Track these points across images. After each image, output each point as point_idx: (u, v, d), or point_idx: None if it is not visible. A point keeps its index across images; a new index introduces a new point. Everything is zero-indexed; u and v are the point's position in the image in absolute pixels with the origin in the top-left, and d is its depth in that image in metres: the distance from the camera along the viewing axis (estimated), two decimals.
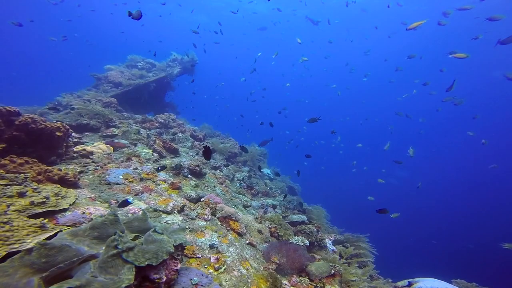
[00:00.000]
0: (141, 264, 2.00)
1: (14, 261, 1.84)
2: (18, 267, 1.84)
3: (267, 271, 3.57)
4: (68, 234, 2.21)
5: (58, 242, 1.97)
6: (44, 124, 4.79)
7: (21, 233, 2.11)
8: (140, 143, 6.76)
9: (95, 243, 2.25)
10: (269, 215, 5.75)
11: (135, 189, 4.37)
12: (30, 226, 2.22)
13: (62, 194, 3.28)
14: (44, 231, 2.26)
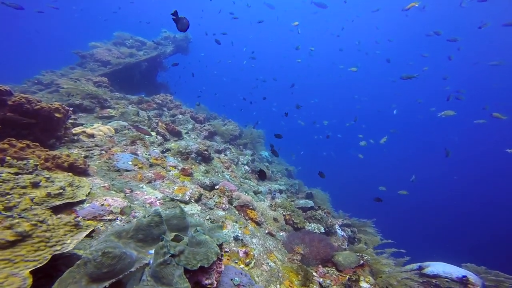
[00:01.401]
0: (194, 267, 1.84)
1: (80, 266, 1.66)
2: (82, 274, 1.65)
3: (292, 262, 3.49)
4: (114, 236, 1.99)
5: (118, 250, 1.76)
6: (40, 105, 4.38)
7: (58, 232, 1.88)
8: (142, 125, 6.39)
9: (140, 246, 2.05)
10: (279, 201, 5.67)
11: (147, 176, 4.12)
12: (65, 224, 1.98)
13: (76, 184, 3.01)
14: (79, 229, 2.03)
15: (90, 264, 1.67)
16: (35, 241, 1.73)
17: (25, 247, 1.67)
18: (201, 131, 8.05)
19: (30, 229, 1.73)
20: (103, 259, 1.69)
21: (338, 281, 3.46)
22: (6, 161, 2.84)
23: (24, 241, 1.69)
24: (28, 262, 1.62)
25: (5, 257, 1.58)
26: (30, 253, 1.66)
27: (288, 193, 7.17)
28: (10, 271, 1.53)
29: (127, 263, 1.87)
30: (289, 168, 10.90)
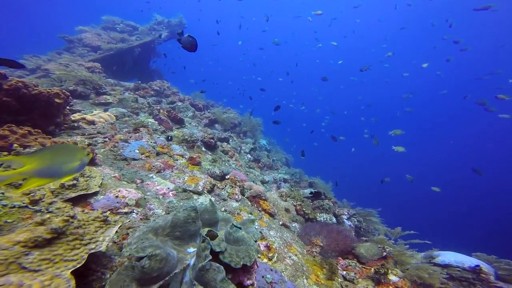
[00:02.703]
0: (237, 265, 1.74)
1: (127, 269, 1.57)
2: (131, 279, 1.55)
3: (311, 255, 3.45)
4: (151, 233, 1.85)
5: (163, 252, 1.62)
6: (38, 90, 4.08)
7: (89, 229, 1.72)
8: (142, 111, 6.13)
9: (178, 245, 1.92)
10: (285, 190, 5.61)
11: (155, 166, 3.94)
12: (94, 219, 1.81)
13: (88, 174, 2.82)
14: (108, 225, 1.88)
15: (137, 269, 1.55)
16: (70, 239, 1.57)
17: (62, 245, 1.52)
18: (201, 119, 7.83)
19: (63, 225, 1.57)
20: (151, 263, 1.56)
21: (363, 274, 3.43)
22: (14, 148, 2.61)
23: (59, 238, 1.54)
24: (67, 262, 1.47)
25: (45, 256, 1.43)
26: (67, 252, 1.52)
27: (291, 182, 7.13)
28: (53, 272, 1.38)
29: (171, 264, 1.76)
30: (286, 157, 10.89)
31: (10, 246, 1.36)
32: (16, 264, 1.34)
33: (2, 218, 1.61)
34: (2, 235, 1.49)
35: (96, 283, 1.91)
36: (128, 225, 2.58)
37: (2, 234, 1.54)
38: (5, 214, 1.65)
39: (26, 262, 1.37)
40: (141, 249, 1.62)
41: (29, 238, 1.42)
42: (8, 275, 1.30)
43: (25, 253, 1.40)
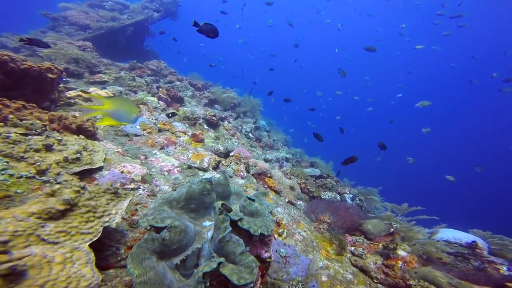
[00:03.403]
0: (255, 232, 1.65)
1: (147, 242, 1.46)
2: (151, 251, 1.46)
3: (319, 231, 3.42)
4: (166, 205, 1.74)
5: (182, 224, 1.53)
6: (27, 64, 3.82)
7: (101, 201, 1.60)
8: (140, 90, 5.88)
9: (193, 218, 1.83)
10: (287, 169, 5.55)
11: (158, 142, 3.80)
12: (104, 191, 1.70)
13: (90, 148, 2.66)
14: (118, 198, 1.76)
15: (158, 241, 1.45)
16: (83, 211, 1.46)
17: (76, 217, 1.41)
18: (200, 98, 7.60)
19: (75, 196, 1.46)
20: (171, 235, 1.47)
21: (371, 250, 3.44)
22: (10, 119, 2.43)
23: (72, 210, 1.42)
24: (84, 235, 1.38)
25: (61, 228, 1.32)
26: (82, 224, 1.41)
27: (293, 161, 7.07)
28: (72, 245, 1.28)
29: (189, 237, 1.67)
30: (286, 137, 10.80)
31: (25, 217, 1.27)
32: (35, 236, 1.26)
33: (11, 188, 1.49)
34: (15, 206, 1.37)
35: (112, 258, 1.83)
36: (136, 201, 2.47)
37: (15, 205, 1.42)
38: (13, 184, 1.53)
39: (44, 234, 1.28)
40: (160, 220, 1.52)
41: (43, 209, 1.31)
42: (30, 246, 1.23)
43: (41, 224, 1.30)
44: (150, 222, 1.52)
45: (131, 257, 1.40)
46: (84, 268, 1.33)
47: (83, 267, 1.33)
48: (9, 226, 1.22)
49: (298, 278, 2.23)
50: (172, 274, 1.63)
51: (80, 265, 1.32)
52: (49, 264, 1.24)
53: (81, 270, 1.32)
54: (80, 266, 1.32)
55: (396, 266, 3.22)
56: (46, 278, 1.19)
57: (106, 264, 1.81)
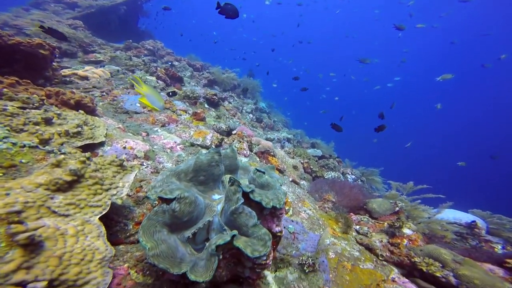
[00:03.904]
0: (268, 205, 1.58)
1: (158, 214, 1.42)
2: (162, 224, 1.41)
3: (324, 210, 3.39)
4: (174, 177, 1.67)
5: (191, 195, 1.46)
6: (15, 39, 3.63)
7: (107, 173, 1.53)
8: (138, 69, 5.69)
9: (202, 191, 1.77)
10: (287, 148, 5.49)
11: (159, 120, 3.70)
12: (110, 163, 1.62)
13: (91, 123, 2.56)
14: (124, 171, 1.68)
15: (168, 213, 1.39)
16: (90, 183, 1.39)
17: (83, 189, 1.34)
18: (200, 79, 7.41)
19: (81, 167, 1.38)
20: (181, 206, 1.41)
21: (376, 228, 3.43)
22: (5, 93, 2.30)
23: (79, 182, 1.35)
24: (93, 208, 1.32)
25: (69, 201, 1.26)
26: (90, 197, 1.35)
27: (294, 142, 7.01)
28: (82, 217, 1.22)
29: (200, 209, 1.61)
30: (285, 119, 10.70)
31: (33, 188, 1.20)
32: (46, 208, 1.21)
33: (16, 158, 1.41)
34: (22, 177, 1.30)
35: (121, 234, 1.78)
36: (140, 178, 2.40)
37: (21, 175, 1.35)
38: (17, 153, 1.45)
39: (54, 206, 1.22)
40: (169, 191, 1.46)
41: (50, 180, 1.24)
42: (42, 218, 1.18)
43: (50, 196, 1.24)
44: (158, 193, 1.45)
45: (142, 230, 1.34)
46: (97, 241, 1.28)
47: (96, 240, 1.28)
48: (19, 197, 1.16)
49: (307, 253, 2.21)
50: (184, 247, 1.58)
51: (92, 238, 1.27)
52: (63, 236, 1.20)
53: (94, 243, 1.27)
54: (92, 239, 1.27)
55: (402, 244, 3.22)
56: (63, 250, 1.16)
57: (115, 240, 1.76)
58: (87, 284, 1.19)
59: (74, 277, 1.15)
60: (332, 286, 2.22)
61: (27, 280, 1.02)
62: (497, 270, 3.17)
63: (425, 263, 2.99)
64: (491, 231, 4.33)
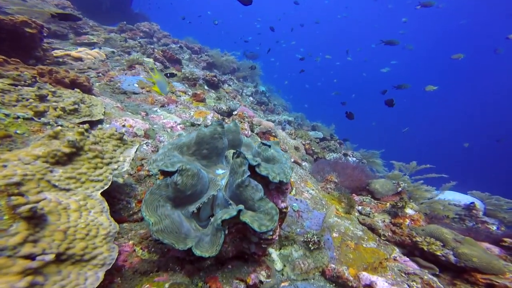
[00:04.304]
0: (274, 179, 1.52)
1: (160, 188, 1.38)
2: (165, 198, 1.37)
3: (326, 191, 3.37)
4: (176, 150, 1.61)
5: (194, 167, 1.40)
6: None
7: (107, 147, 1.47)
8: (134, 51, 5.52)
9: (205, 165, 1.71)
10: (288, 130, 5.43)
11: (158, 100, 3.61)
12: (110, 137, 1.55)
13: (88, 102, 2.47)
14: (125, 145, 1.62)
15: (171, 186, 1.35)
16: (90, 156, 1.33)
17: (83, 163, 1.29)
18: (198, 62, 7.23)
19: (79, 138, 1.32)
20: (183, 178, 1.36)
21: (378, 209, 3.43)
22: None
23: (78, 155, 1.30)
24: (94, 182, 1.27)
25: (70, 174, 1.21)
26: (91, 171, 1.30)
27: (294, 125, 6.94)
28: (84, 192, 1.18)
29: (204, 183, 1.55)
30: (285, 104, 10.58)
31: (31, 160, 1.16)
32: (45, 181, 1.16)
33: (10, 129, 1.35)
34: (18, 148, 1.24)
35: (125, 212, 1.74)
36: (141, 156, 2.35)
37: (18, 147, 1.30)
38: (11, 124, 1.38)
39: (54, 180, 1.18)
40: (170, 164, 1.41)
41: (48, 152, 1.18)
42: (43, 192, 1.14)
43: (49, 169, 1.20)
44: (160, 167, 1.40)
45: (145, 205, 1.30)
46: (100, 217, 1.24)
47: (99, 215, 1.24)
48: (18, 169, 1.11)
49: (312, 231, 2.19)
50: (189, 223, 1.55)
51: (95, 213, 1.23)
52: (66, 211, 1.16)
53: (98, 219, 1.23)
54: (96, 214, 1.23)
55: (404, 224, 3.23)
56: (67, 225, 1.13)
57: (119, 218, 1.73)
58: (94, 259, 1.18)
59: (80, 252, 1.13)
60: (336, 263, 2.22)
61: (35, 253, 1.01)
62: (494, 248, 3.23)
63: (426, 242, 3.01)
64: (488, 213, 4.37)
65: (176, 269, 1.62)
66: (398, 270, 2.60)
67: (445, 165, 22.09)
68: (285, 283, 1.92)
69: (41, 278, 1.02)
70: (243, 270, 1.73)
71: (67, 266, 1.12)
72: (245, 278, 1.70)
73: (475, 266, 2.68)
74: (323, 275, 2.12)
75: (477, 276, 2.65)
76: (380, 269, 2.56)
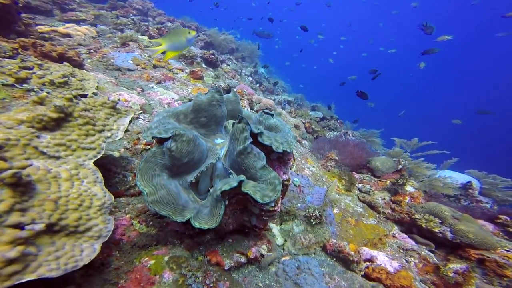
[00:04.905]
0: (278, 149, 1.43)
1: (156, 156, 1.31)
2: (161, 167, 1.30)
3: (326, 168, 3.33)
4: (172, 118, 1.53)
5: (189, 133, 1.33)
6: None
7: (99, 115, 1.39)
8: (127, 28, 5.30)
9: (204, 134, 1.64)
10: (288, 109, 5.33)
11: (155, 77, 3.49)
12: (102, 105, 1.47)
13: (79, 76, 2.35)
14: (118, 113, 1.54)
15: (167, 154, 1.28)
16: (80, 123, 1.25)
17: (73, 129, 1.21)
18: (196, 41, 6.99)
19: (68, 104, 1.23)
20: (177, 144, 1.28)
21: (378, 187, 3.40)
22: None
23: (68, 121, 1.22)
24: (86, 150, 1.20)
25: (59, 141, 1.14)
26: (82, 138, 1.22)
27: (294, 105, 6.83)
28: (75, 160, 1.11)
29: (201, 150, 1.48)
30: (284, 86, 10.41)
31: (14, 124, 1.08)
32: (32, 147, 1.09)
33: None
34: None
35: (121, 186, 1.68)
36: (137, 130, 2.27)
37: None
38: None
39: (42, 146, 1.11)
40: (164, 131, 1.33)
41: (33, 117, 1.11)
42: (30, 159, 1.07)
43: (36, 134, 1.12)
44: (154, 134, 1.32)
45: (140, 174, 1.24)
46: (94, 187, 1.18)
47: (92, 185, 1.18)
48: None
49: (314, 206, 2.16)
50: (187, 194, 1.49)
51: (89, 183, 1.17)
52: (56, 180, 1.10)
53: (91, 189, 1.17)
54: (89, 184, 1.17)
55: (404, 201, 3.23)
56: (58, 194, 1.07)
57: (115, 192, 1.67)
58: (88, 230, 1.13)
59: (74, 223, 1.08)
60: (337, 239, 2.20)
61: (24, 222, 0.96)
62: (488, 225, 3.27)
63: (425, 219, 3.01)
64: (483, 191, 4.39)
65: (175, 243, 1.58)
66: (396, 246, 2.62)
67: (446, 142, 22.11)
68: (286, 258, 1.91)
69: (33, 249, 0.98)
70: (243, 244, 1.70)
71: (61, 237, 1.07)
72: (246, 251, 1.68)
73: (470, 242, 2.71)
74: (324, 250, 2.11)
75: (470, 251, 2.70)
76: (379, 245, 2.57)
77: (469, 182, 4.27)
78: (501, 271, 2.52)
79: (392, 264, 2.03)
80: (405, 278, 1.92)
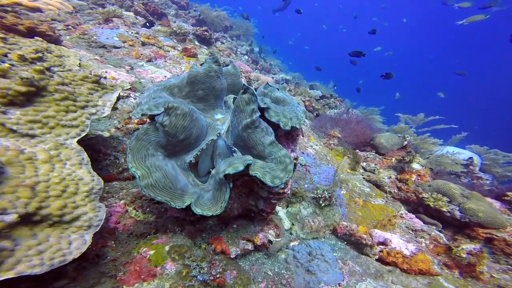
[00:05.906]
0: (286, 126, 1.23)
1: (148, 133, 1.15)
2: (155, 145, 1.15)
3: (329, 147, 3.18)
4: (165, 91, 1.35)
5: (185, 106, 1.15)
6: None
7: (80, 90, 1.19)
8: (109, 3, 4.92)
9: (202, 109, 1.46)
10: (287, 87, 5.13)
11: (144, 54, 3.25)
12: (83, 79, 1.27)
13: (56, 52, 2.10)
14: (103, 89, 1.34)
15: (160, 130, 1.11)
16: (57, 98, 1.07)
17: (49, 104, 1.03)
18: (186, 18, 6.60)
19: (38, 77, 1.03)
20: (171, 118, 1.11)
21: (383, 165, 3.27)
22: None
23: (41, 96, 1.03)
24: (68, 128, 1.03)
25: (32, 117, 0.96)
26: (61, 114, 1.04)
27: (292, 84, 6.61)
28: (55, 139, 0.93)
29: (199, 126, 1.30)
30: (281, 65, 10.10)
31: None
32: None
33: None
34: None
35: (113, 169, 1.52)
36: (128, 109, 2.08)
37: None
38: None
39: (10, 123, 0.94)
40: (154, 106, 1.16)
41: None
42: None
43: (0, 110, 0.91)
44: (144, 111, 1.15)
45: (131, 153, 1.07)
46: (79, 170, 1.02)
47: (77, 168, 1.01)
48: None
49: (322, 187, 2.02)
50: (186, 176, 1.32)
51: (73, 166, 1.01)
52: (32, 161, 0.93)
53: (76, 172, 1.01)
54: (73, 167, 1.00)
55: (410, 180, 3.12)
56: (35, 179, 0.92)
57: (107, 176, 1.51)
58: (76, 220, 0.99)
59: (58, 212, 0.94)
60: (346, 221, 2.09)
61: None
62: (495, 203, 3.21)
63: (432, 198, 2.92)
64: (483, 168, 4.32)
65: (175, 230, 1.45)
66: (405, 227, 2.52)
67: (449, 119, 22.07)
68: (294, 242, 1.79)
69: (8, 243, 0.83)
70: (249, 230, 1.57)
71: (43, 229, 0.94)
72: (253, 238, 1.55)
73: (480, 221, 2.64)
74: (334, 233, 1.99)
75: (479, 230, 2.64)
76: (389, 226, 2.48)
77: (470, 158, 4.20)
78: (510, 250, 2.49)
79: (408, 247, 1.93)
80: (423, 262, 1.83)
